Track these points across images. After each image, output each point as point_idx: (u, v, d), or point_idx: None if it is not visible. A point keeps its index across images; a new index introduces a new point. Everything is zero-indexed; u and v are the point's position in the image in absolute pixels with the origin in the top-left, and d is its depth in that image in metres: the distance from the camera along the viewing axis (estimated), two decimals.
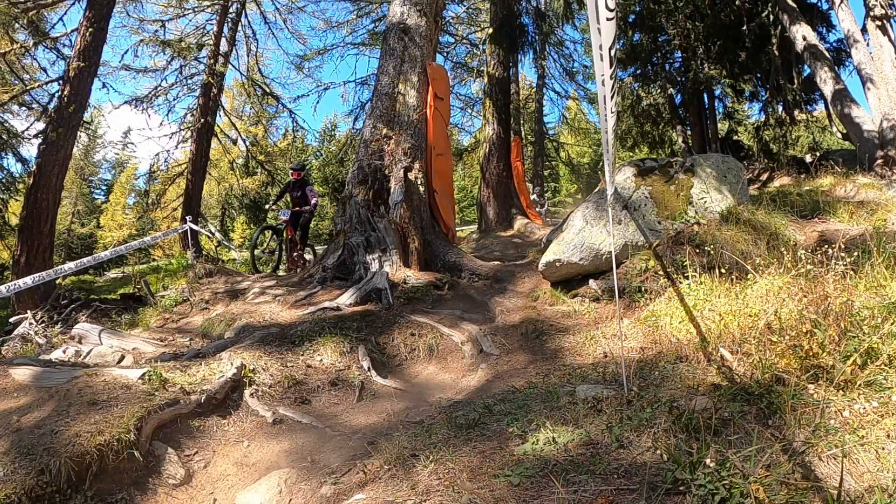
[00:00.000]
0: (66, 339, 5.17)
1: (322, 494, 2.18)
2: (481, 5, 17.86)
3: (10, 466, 2.23)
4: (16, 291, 6.70)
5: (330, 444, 2.78)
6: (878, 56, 7.76)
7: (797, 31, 8.78)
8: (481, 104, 15.79)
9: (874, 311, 2.27)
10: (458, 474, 1.95)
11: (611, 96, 2.21)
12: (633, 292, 3.96)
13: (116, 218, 30.58)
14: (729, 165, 4.80)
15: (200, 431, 2.90)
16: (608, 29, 1.84)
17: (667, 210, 4.52)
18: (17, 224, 10.19)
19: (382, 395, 3.62)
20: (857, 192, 5.68)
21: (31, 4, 10.58)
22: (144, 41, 14.93)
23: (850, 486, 1.60)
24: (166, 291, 7.60)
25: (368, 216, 6.27)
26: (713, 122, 12.70)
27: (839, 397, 1.94)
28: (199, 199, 16.74)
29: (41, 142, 9.69)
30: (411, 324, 4.63)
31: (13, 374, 3.13)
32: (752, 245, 3.86)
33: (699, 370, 2.50)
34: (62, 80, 10.14)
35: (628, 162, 5.12)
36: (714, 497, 1.53)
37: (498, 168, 12.56)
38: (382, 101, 6.99)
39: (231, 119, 18.84)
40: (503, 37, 12.37)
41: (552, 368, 3.32)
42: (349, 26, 17.17)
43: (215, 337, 5.12)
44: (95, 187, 35.76)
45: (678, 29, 11.24)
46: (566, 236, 4.57)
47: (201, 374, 3.36)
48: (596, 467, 1.85)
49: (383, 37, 7.77)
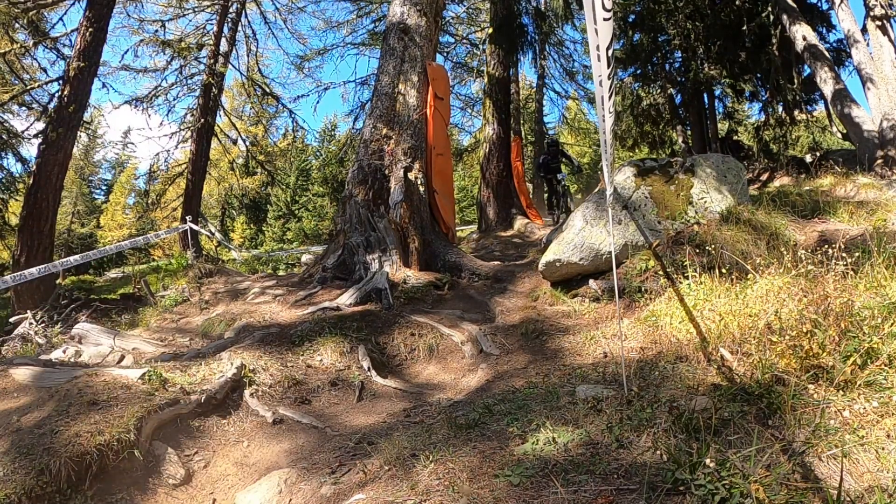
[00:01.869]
0: (66, 339, 5.18)
1: (322, 494, 2.18)
2: (481, 5, 17.84)
3: (10, 466, 2.23)
4: (21, 282, 6.69)
5: (330, 444, 2.78)
6: (878, 56, 7.76)
7: (797, 31, 8.78)
8: (481, 104, 15.79)
9: (874, 311, 2.27)
10: (458, 474, 1.95)
11: (609, 97, 2.20)
12: (633, 292, 3.96)
13: (116, 218, 30.60)
14: (729, 165, 4.79)
15: (200, 431, 2.90)
16: (605, 29, 1.84)
17: (667, 210, 4.52)
18: (17, 224, 10.19)
19: (382, 395, 3.62)
20: (857, 192, 5.68)
21: (31, 4, 10.58)
22: (144, 41, 14.93)
23: (850, 486, 1.60)
24: (166, 291, 7.60)
25: (368, 216, 6.27)
26: (713, 122, 12.70)
27: (839, 397, 1.94)
28: (199, 199, 16.74)
29: (41, 142, 9.69)
30: (411, 324, 4.63)
31: (13, 374, 3.13)
32: (752, 245, 3.86)
33: (699, 370, 2.49)
34: (62, 80, 10.14)
35: (628, 162, 5.12)
36: (714, 497, 1.53)
37: (498, 168, 12.55)
38: (382, 101, 6.98)
39: (231, 119, 18.83)
40: (503, 37, 12.35)
41: (552, 368, 3.32)
42: (349, 26, 17.17)
43: (215, 337, 5.13)
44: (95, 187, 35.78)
45: (678, 29, 11.24)
46: (566, 236, 4.57)
47: (201, 374, 3.36)
48: (596, 467, 1.85)
49: (383, 37, 7.77)
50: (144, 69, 15.66)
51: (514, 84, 15.24)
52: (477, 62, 17.95)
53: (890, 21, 7.80)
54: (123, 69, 15.22)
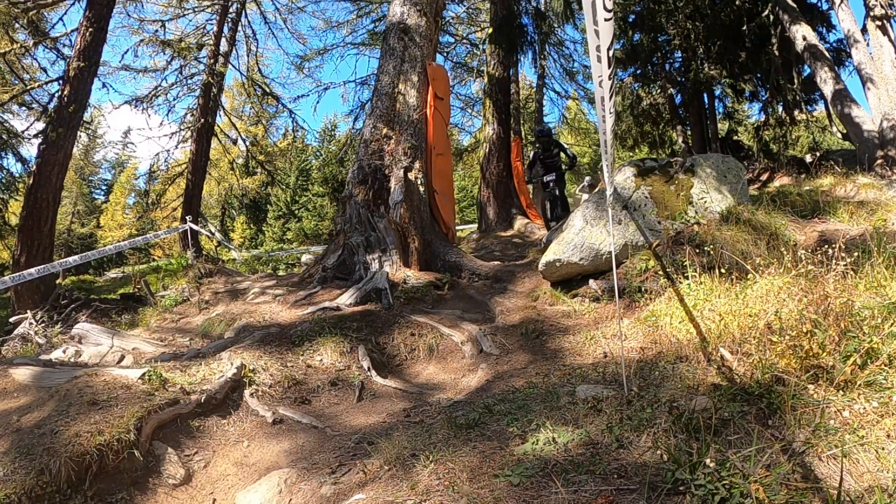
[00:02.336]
0: (66, 339, 5.18)
1: (322, 494, 2.18)
2: (481, 5, 17.84)
3: (10, 466, 2.23)
4: (20, 282, 6.69)
5: (330, 444, 2.78)
6: (878, 56, 7.76)
7: (797, 31, 8.79)
8: (481, 104, 15.78)
9: (874, 311, 2.27)
10: (458, 474, 1.95)
11: (609, 97, 2.20)
12: (633, 292, 3.96)
13: (116, 218, 30.62)
14: (729, 165, 4.79)
15: (200, 431, 2.90)
16: (606, 29, 1.84)
17: (667, 210, 4.52)
18: (17, 224, 10.19)
19: (382, 395, 3.62)
20: (857, 192, 5.68)
21: (31, 4, 10.58)
22: (144, 41, 14.93)
23: (850, 486, 1.60)
24: (166, 291, 7.61)
25: (368, 216, 6.27)
26: (713, 122, 12.71)
27: (839, 397, 1.94)
28: (199, 199, 16.74)
29: (41, 142, 9.69)
30: (411, 324, 4.63)
31: (13, 374, 3.13)
32: (752, 245, 3.86)
33: (699, 370, 2.49)
34: (62, 80, 10.14)
35: (628, 162, 5.12)
36: (714, 497, 1.53)
37: (498, 168, 12.55)
38: (382, 100, 6.98)
39: (231, 119, 18.83)
40: (503, 37, 12.35)
41: (552, 368, 3.32)
42: (349, 26, 17.18)
43: (215, 337, 5.13)
44: (95, 187, 35.79)
45: (678, 29, 11.24)
46: (566, 236, 4.57)
47: (201, 374, 3.36)
48: (596, 467, 1.85)
49: (383, 37, 7.77)
50: (144, 69, 15.66)
51: (514, 84, 15.23)
52: (477, 62, 17.96)
53: (890, 21, 7.81)
54: (123, 69, 15.23)
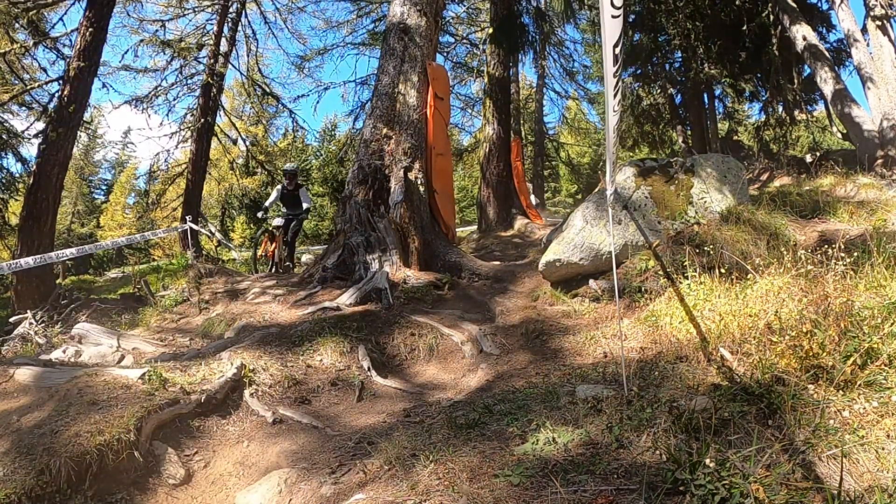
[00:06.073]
0: (66, 339, 5.17)
1: (322, 494, 2.18)
2: (481, 5, 17.85)
3: (10, 466, 2.23)
4: (16, 270, 6.67)
5: (330, 444, 2.78)
6: (878, 56, 7.76)
7: (797, 31, 8.79)
8: (481, 104, 15.78)
9: (874, 311, 2.27)
10: (458, 474, 1.95)
11: (613, 94, 2.21)
12: (633, 292, 3.96)
13: (116, 218, 30.59)
14: (729, 165, 4.79)
15: (200, 431, 2.90)
16: (613, 27, 1.84)
17: (667, 210, 4.52)
18: (17, 224, 10.19)
19: (382, 395, 3.62)
20: (857, 192, 5.68)
21: (31, 4, 10.57)
22: (144, 41, 14.91)
23: (850, 486, 1.60)
24: (166, 291, 7.60)
25: (368, 216, 6.27)
26: (713, 122, 12.72)
27: (839, 397, 1.94)
28: (199, 199, 16.73)
29: (41, 142, 9.68)
30: (411, 324, 4.63)
31: (13, 374, 3.13)
32: (752, 245, 3.86)
33: (699, 370, 2.49)
34: (62, 80, 10.13)
35: (628, 162, 5.12)
36: (714, 497, 1.53)
37: (498, 168, 12.55)
38: (382, 100, 6.98)
39: (231, 119, 18.83)
40: (503, 37, 12.35)
41: (552, 368, 3.32)
42: (349, 26, 17.18)
43: (215, 337, 5.12)
44: (95, 187, 35.76)
45: (678, 29, 11.24)
46: (566, 236, 4.57)
47: (201, 374, 3.36)
48: (596, 467, 1.85)
49: (383, 37, 7.77)
50: (144, 69, 15.64)
51: (514, 84, 15.25)
52: (477, 62, 17.95)
53: (890, 21, 7.81)
54: (123, 69, 15.20)
